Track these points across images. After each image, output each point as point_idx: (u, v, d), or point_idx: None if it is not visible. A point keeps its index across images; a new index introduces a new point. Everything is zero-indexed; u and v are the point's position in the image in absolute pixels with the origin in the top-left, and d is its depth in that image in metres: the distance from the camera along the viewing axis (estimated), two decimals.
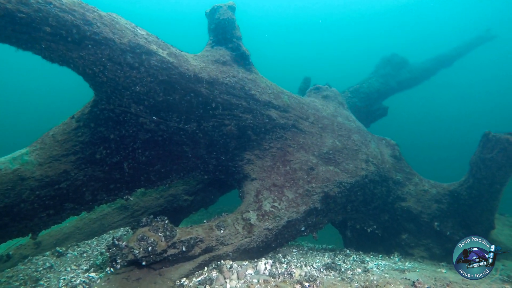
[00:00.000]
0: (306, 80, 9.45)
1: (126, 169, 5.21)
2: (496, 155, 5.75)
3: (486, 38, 14.36)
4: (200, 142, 5.48)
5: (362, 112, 9.68)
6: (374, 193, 6.46)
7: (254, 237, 4.68)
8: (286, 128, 5.94)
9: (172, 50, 4.87)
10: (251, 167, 5.67)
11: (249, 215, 4.88)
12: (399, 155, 7.24)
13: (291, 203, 5.24)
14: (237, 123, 5.51)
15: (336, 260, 5.26)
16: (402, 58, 11.10)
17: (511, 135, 5.74)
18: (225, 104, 5.35)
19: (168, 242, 3.93)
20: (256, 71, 5.98)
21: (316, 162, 5.80)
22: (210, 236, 4.37)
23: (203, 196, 7.14)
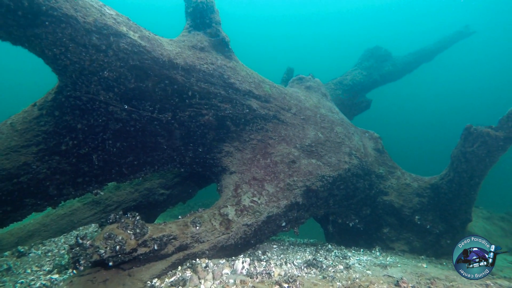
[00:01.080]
0: (289, 71, 9.20)
1: (95, 161, 4.84)
2: (477, 148, 5.72)
3: (465, 33, 14.53)
4: (176, 133, 5.15)
5: (345, 105, 9.55)
6: (356, 187, 6.34)
7: (232, 233, 4.44)
8: (267, 119, 5.70)
9: (145, 33, 4.50)
10: (230, 159, 5.40)
11: (227, 210, 4.63)
12: (382, 148, 7.15)
13: (271, 197, 5.02)
14: (215, 113, 5.21)
15: (317, 256, 5.10)
16: (385, 50, 11.03)
17: (492, 128, 5.72)
18: (202, 93, 5.04)
19: (138, 240, 3.63)
20: (236, 59, 5.67)
21: (298, 155, 5.59)
22: (185, 233, 4.10)
23: (181, 190, 6.83)
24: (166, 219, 13.16)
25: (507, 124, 5.43)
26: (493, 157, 5.72)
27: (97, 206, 6.05)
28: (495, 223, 11.48)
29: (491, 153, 5.63)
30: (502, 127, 5.50)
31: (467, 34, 14.58)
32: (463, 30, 14.52)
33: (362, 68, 10.60)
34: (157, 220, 10.01)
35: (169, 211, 14.15)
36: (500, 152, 5.65)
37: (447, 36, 13.85)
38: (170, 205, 6.95)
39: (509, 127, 5.41)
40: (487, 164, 5.87)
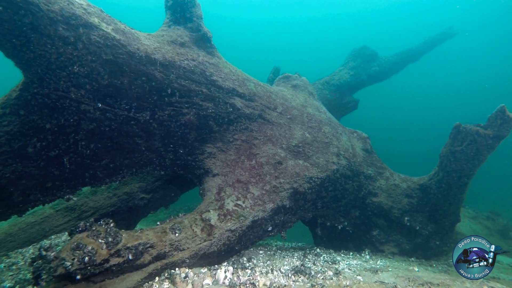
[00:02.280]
0: (276, 70, 9.00)
1: (66, 164, 4.48)
2: (466, 147, 5.62)
3: (449, 35, 14.70)
4: (155, 134, 4.84)
5: (333, 105, 9.40)
6: (345, 189, 6.15)
7: (214, 240, 4.15)
8: (252, 119, 5.44)
9: (120, 26, 4.18)
10: (213, 161, 5.12)
11: (209, 215, 4.34)
12: (370, 148, 6.99)
13: (256, 200, 4.76)
14: (197, 112, 4.93)
15: (305, 262, 4.86)
16: (372, 51, 10.95)
17: (481, 127, 5.63)
18: (183, 91, 4.75)
19: (110, 250, 3.31)
20: (219, 55, 5.41)
21: (284, 155, 5.36)
22: (163, 241, 3.79)
23: (162, 194, 6.49)
24: (150, 224, 12.71)
25: (495, 122, 5.35)
26: (482, 156, 5.62)
27: (71, 212, 5.65)
28: (480, 222, 11.54)
29: (480, 151, 5.54)
30: (490, 125, 5.41)
31: (451, 35, 14.75)
32: (447, 31, 14.68)
33: (349, 68, 10.49)
34: (140, 226, 9.61)
35: (154, 216, 13.69)
36: (489, 150, 5.56)
37: (432, 37, 13.95)
38: (151, 210, 6.60)
39: (497, 125, 5.32)
40: (475, 163, 5.78)
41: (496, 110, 5.31)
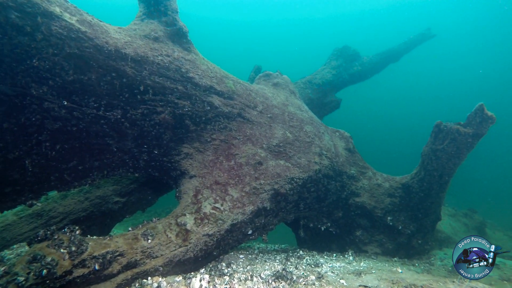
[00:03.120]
0: (257, 69, 8.81)
1: (28, 167, 4.13)
2: (447, 145, 5.60)
3: (427, 36, 14.96)
4: (127, 133, 4.55)
5: (315, 104, 9.30)
6: (328, 189, 6.02)
7: (190, 245, 3.91)
8: (231, 118, 5.23)
9: (86, 17, 3.89)
10: (190, 162, 4.88)
11: (185, 219, 4.09)
12: (353, 148, 6.91)
13: (236, 203, 4.55)
14: (172, 110, 4.67)
15: (287, 266, 4.69)
16: (354, 50, 10.95)
17: (460, 125, 5.63)
18: (156, 88, 4.48)
19: (74, 261, 3.02)
20: (195, 51, 5.17)
21: (265, 155, 5.17)
22: (134, 248, 3.52)
23: (138, 197, 6.17)
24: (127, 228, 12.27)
25: (475, 120, 5.34)
26: (462, 154, 5.62)
27: (38, 219, 5.26)
28: (459, 219, 11.75)
29: (460, 150, 5.53)
30: (470, 123, 5.40)
31: (429, 37, 15.01)
32: (425, 33, 14.92)
33: (331, 67, 10.43)
34: (117, 231, 9.20)
35: (134, 219, 13.23)
36: (469, 149, 5.56)
37: (412, 38, 14.14)
38: (127, 214, 6.27)
39: (477, 123, 5.32)
40: (456, 162, 5.77)
41: (475, 108, 5.31)
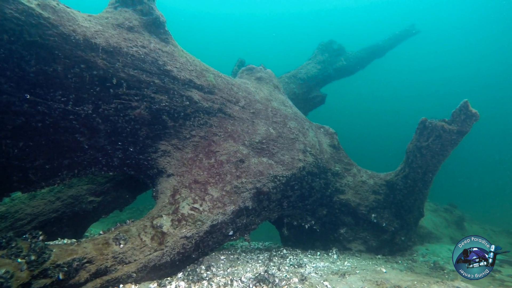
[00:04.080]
0: (241, 62, 8.56)
1: None
2: (432, 143, 5.55)
3: (411, 32, 15.04)
4: (100, 130, 4.25)
5: (300, 99, 9.15)
6: (312, 187, 5.89)
7: (167, 249, 3.69)
8: (212, 113, 4.99)
9: (50, 2, 3.55)
10: (168, 160, 4.62)
11: (161, 221, 3.86)
12: (337, 144, 6.79)
13: (216, 203, 4.34)
14: (148, 105, 4.40)
15: (270, 267, 4.53)
16: (339, 45, 10.84)
17: (445, 122, 5.58)
18: (131, 81, 4.20)
19: (33, 271, 2.75)
20: (174, 43, 4.89)
21: (247, 153, 4.97)
22: (104, 254, 3.28)
23: (115, 196, 5.88)
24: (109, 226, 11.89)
25: (459, 117, 5.30)
26: (446, 152, 5.58)
27: (2, 221, 4.91)
28: (440, 214, 11.93)
29: (445, 147, 5.49)
30: (454, 120, 5.36)
31: (414, 33, 15.07)
32: (409, 29, 14.98)
33: (317, 62, 10.28)
34: (95, 230, 8.84)
35: (116, 216, 12.82)
36: (453, 146, 5.53)
37: (396, 34, 14.16)
38: (103, 213, 5.97)
39: (461, 120, 5.28)
40: (440, 159, 5.74)
41: (460, 105, 5.26)
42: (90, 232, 8.29)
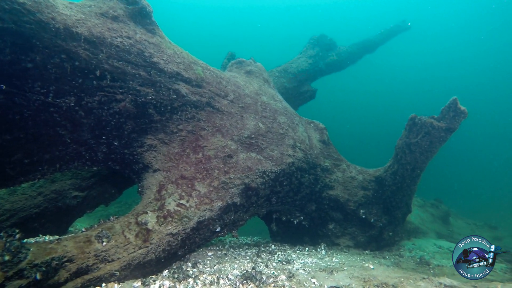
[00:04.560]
0: (231, 55, 8.42)
1: None
2: (421, 139, 5.55)
3: (403, 27, 15.05)
4: (83, 123, 4.10)
5: (290, 94, 9.06)
6: (301, 182, 5.85)
7: (152, 246, 3.60)
8: (199, 107, 4.87)
9: None
10: (154, 155, 4.51)
11: (146, 218, 3.76)
12: (327, 139, 6.76)
13: (203, 199, 4.26)
14: (134, 98, 4.26)
15: (257, 264, 4.49)
16: (330, 39, 10.76)
17: (434, 119, 5.58)
18: (115, 73, 4.04)
19: (7, 272, 2.63)
20: (161, 34, 4.73)
21: (235, 148, 4.88)
22: (86, 252, 3.17)
23: (101, 190, 5.74)
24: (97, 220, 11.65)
25: (448, 115, 5.31)
26: (434, 148, 5.60)
27: None
28: (427, 210, 12.10)
29: (433, 144, 5.50)
30: (443, 117, 5.37)
31: (405, 29, 15.09)
32: (400, 24, 14.98)
33: (308, 56, 10.19)
34: (81, 225, 8.66)
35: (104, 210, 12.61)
36: (441, 143, 5.54)
37: (388, 29, 14.15)
38: (87, 209, 5.82)
39: (450, 117, 5.29)
40: (428, 156, 5.76)
41: (449, 102, 5.26)
42: (75, 227, 8.12)
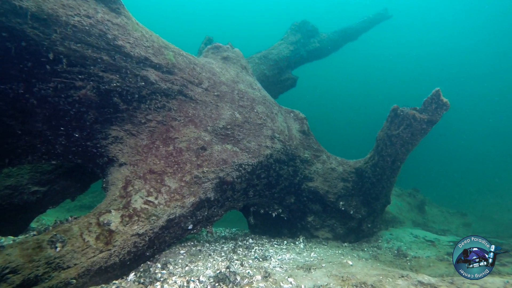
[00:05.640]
0: (208, 40, 7.97)
1: None
2: (402, 131, 5.42)
3: (384, 16, 14.96)
4: (36, 113, 3.67)
5: (270, 82, 8.76)
6: (279, 175, 5.63)
7: (115, 249, 3.28)
8: (171, 95, 4.50)
9: None
10: (120, 147, 4.13)
11: (109, 218, 3.43)
12: (307, 130, 6.54)
13: (173, 195, 3.95)
14: (96, 85, 3.84)
15: (233, 261, 4.25)
16: (312, 26, 10.46)
17: (416, 110, 5.46)
18: (73, 57, 3.61)
19: None
20: (127, 14, 4.29)
21: (209, 139, 4.57)
22: (35, 261, 2.82)
23: (64, 185, 5.31)
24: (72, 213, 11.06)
25: (430, 106, 5.18)
26: (415, 141, 5.49)
27: None
28: (404, 199, 12.28)
29: (415, 136, 5.39)
30: (426, 109, 5.24)
31: (386, 17, 14.99)
32: (382, 13, 14.87)
33: (289, 42, 9.86)
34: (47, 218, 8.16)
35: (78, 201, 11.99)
36: (422, 135, 5.44)
37: (369, 17, 14.00)
38: (50, 204, 5.39)
39: (432, 109, 5.16)
40: (409, 148, 5.65)
41: (431, 94, 5.12)
42: (41, 222, 7.64)
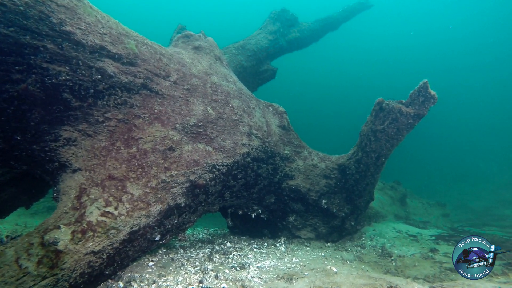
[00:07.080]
0: (181, 29, 7.36)
1: None
2: (387, 126, 5.12)
3: (366, 5, 14.71)
4: None
5: (248, 73, 8.29)
6: (258, 174, 5.23)
7: (63, 272, 2.80)
8: (133, 90, 3.97)
9: None
10: (73, 150, 3.60)
11: (56, 235, 2.92)
12: (287, 125, 6.15)
13: (137, 203, 3.48)
14: (40, 79, 3.28)
15: (207, 273, 3.84)
16: (292, 15, 10.00)
17: (402, 103, 5.16)
18: (5, 45, 3.03)
19: None
20: None
21: (178, 139, 4.09)
22: None
23: (14, 192, 4.71)
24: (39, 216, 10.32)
25: (417, 100, 4.88)
26: (401, 136, 5.21)
27: None
28: (386, 192, 12.22)
29: (400, 131, 5.09)
30: (412, 102, 4.94)
31: (368, 6, 14.74)
32: (363, 1, 14.59)
33: (268, 32, 9.38)
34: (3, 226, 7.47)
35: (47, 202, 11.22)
36: (408, 130, 5.16)
37: (350, 6, 13.69)
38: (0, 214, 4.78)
39: (419, 103, 4.87)
40: (394, 143, 5.37)
41: (419, 86, 4.82)
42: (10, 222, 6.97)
